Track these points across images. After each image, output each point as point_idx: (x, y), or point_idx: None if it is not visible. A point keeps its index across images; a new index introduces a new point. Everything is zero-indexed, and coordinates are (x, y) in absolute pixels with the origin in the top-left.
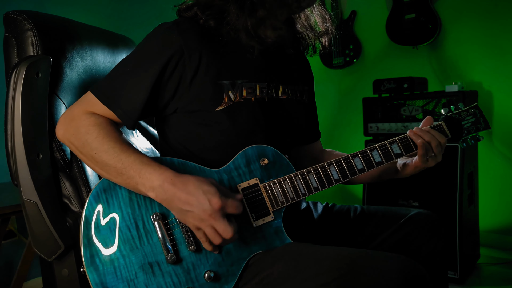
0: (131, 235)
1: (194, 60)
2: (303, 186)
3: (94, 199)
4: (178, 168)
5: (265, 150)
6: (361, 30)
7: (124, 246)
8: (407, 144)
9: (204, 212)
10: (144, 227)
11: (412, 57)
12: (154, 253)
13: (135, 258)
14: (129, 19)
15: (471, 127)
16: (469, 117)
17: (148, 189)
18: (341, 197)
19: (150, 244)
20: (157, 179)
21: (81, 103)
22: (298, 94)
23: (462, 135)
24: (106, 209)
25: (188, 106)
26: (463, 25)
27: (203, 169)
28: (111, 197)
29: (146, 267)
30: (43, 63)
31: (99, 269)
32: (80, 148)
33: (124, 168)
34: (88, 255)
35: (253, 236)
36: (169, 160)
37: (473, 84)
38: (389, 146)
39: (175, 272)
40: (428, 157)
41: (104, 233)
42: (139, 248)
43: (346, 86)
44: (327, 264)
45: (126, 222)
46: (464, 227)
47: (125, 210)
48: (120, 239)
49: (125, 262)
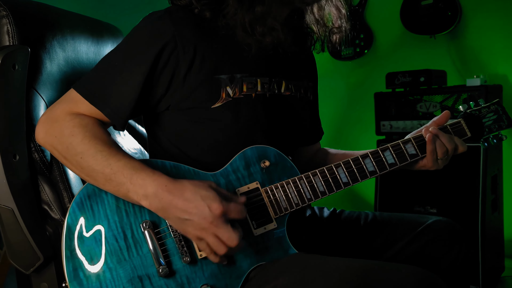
0: (119, 245)
1: (189, 52)
2: (308, 191)
3: (78, 207)
4: (170, 172)
5: (266, 151)
6: (373, 17)
7: (111, 258)
8: (423, 144)
9: (205, 220)
10: (133, 236)
11: (430, 48)
12: (144, 265)
13: (123, 271)
14: (116, 5)
15: (493, 125)
16: (491, 114)
17: (141, 198)
18: (351, 203)
19: (140, 255)
20: (150, 186)
21: (64, 102)
22: (303, 90)
23: (483, 134)
24: (91, 218)
25: (181, 103)
26: (486, 12)
27: (198, 173)
28: (96, 204)
29: (136, 281)
30: (20, 54)
31: (83, 284)
32: (64, 152)
33: (114, 173)
34: (71, 269)
35: (253, 246)
36: (160, 163)
37: (497, 77)
38: (402, 146)
39: (167, 287)
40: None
41: (88, 244)
42: (127, 260)
43: (356, 80)
44: (337, 277)
45: (113, 232)
46: (487, 236)
47: (112, 218)
48: (107, 251)
49: (112, 276)
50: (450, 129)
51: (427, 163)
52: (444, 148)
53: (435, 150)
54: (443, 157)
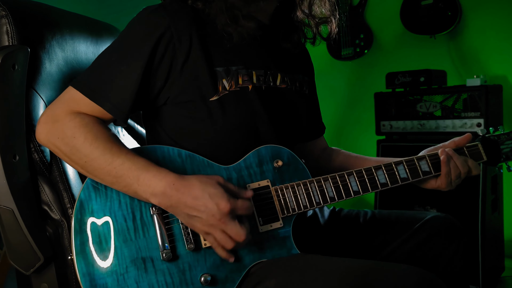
0: (127, 225)
1: (185, 43)
2: (318, 195)
3: (92, 184)
4: (185, 161)
5: (280, 151)
6: (373, 17)
7: (118, 237)
8: (437, 162)
9: (213, 217)
10: (141, 218)
11: (430, 48)
12: (149, 248)
13: (128, 251)
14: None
15: (510, 153)
16: (509, 141)
17: (150, 196)
18: (351, 202)
19: (146, 237)
20: (158, 185)
21: (63, 100)
22: (298, 84)
23: (500, 160)
24: (103, 196)
25: (179, 96)
26: (486, 11)
27: (212, 164)
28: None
29: (139, 262)
30: (20, 54)
31: (88, 258)
32: (69, 154)
33: (120, 176)
34: (78, 242)
35: (258, 242)
36: (176, 151)
37: (497, 77)
38: (417, 162)
39: (169, 271)
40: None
41: (98, 221)
42: (133, 241)
43: (356, 80)
44: (336, 277)
45: (123, 212)
46: (487, 236)
47: (124, 199)
48: (114, 229)
49: (116, 254)
50: (466, 151)
51: (441, 184)
52: (458, 170)
53: (449, 172)
54: (455, 180)
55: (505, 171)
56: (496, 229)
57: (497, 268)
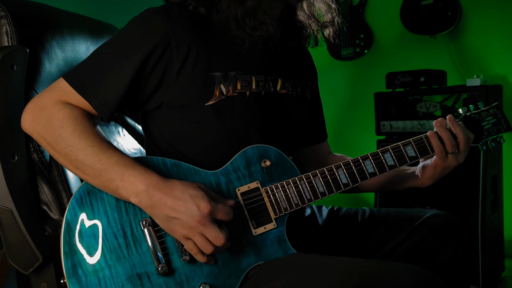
0: (118, 243)
1: (182, 51)
2: (308, 191)
3: (77, 203)
4: (171, 170)
5: (267, 150)
6: (373, 17)
7: (110, 255)
8: (422, 146)
9: (193, 219)
10: (132, 234)
11: (430, 48)
12: (143, 263)
13: (122, 268)
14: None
15: (492, 129)
16: (490, 117)
17: (131, 194)
18: (351, 202)
19: (139, 253)
20: (141, 183)
21: (53, 90)
22: (299, 89)
23: (482, 137)
24: (90, 214)
25: (175, 101)
26: (486, 11)
27: (198, 171)
28: (96, 201)
29: (134, 279)
30: (19, 55)
31: (81, 280)
32: (52, 143)
33: (104, 169)
34: (70, 265)
35: (253, 245)
36: (161, 160)
37: (497, 77)
38: (402, 148)
39: (166, 285)
40: (448, 153)
41: (88, 241)
42: (126, 258)
43: (356, 80)
44: (336, 277)
45: (113, 229)
46: (487, 236)
47: (112, 215)
48: (106, 248)
49: (110, 273)
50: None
51: (437, 160)
52: (452, 141)
53: (441, 145)
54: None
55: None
56: (496, 229)
57: (497, 268)
